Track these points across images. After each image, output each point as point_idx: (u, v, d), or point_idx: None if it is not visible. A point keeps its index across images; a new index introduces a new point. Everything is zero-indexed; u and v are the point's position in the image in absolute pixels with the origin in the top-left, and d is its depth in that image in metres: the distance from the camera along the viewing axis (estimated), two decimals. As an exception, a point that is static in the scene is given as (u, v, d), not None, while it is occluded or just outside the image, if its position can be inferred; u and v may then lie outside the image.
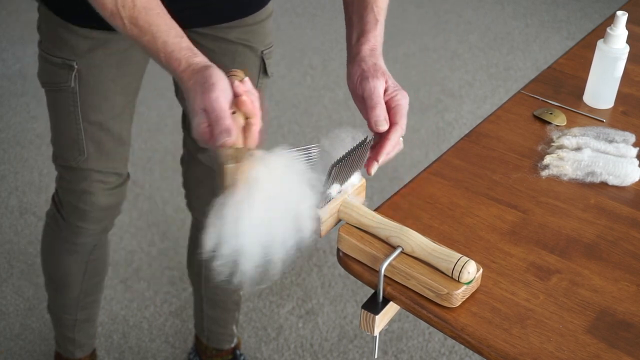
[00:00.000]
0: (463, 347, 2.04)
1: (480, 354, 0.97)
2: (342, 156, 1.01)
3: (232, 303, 1.91)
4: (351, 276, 1.08)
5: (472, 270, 0.98)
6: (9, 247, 2.37)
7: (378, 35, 1.19)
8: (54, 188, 1.64)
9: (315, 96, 3.14)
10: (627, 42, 1.36)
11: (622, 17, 1.33)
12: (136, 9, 1.08)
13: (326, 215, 1.05)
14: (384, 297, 1.03)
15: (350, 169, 1.05)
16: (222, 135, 0.98)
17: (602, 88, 1.40)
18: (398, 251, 1.02)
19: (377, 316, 1.01)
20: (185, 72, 1.05)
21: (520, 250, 1.09)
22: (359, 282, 1.11)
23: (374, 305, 1.02)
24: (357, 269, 1.06)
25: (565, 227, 1.14)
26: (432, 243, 1.01)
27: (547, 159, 1.25)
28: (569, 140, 1.28)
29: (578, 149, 1.26)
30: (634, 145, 1.29)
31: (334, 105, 3.08)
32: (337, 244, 1.08)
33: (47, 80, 1.45)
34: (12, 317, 2.16)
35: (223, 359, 2.00)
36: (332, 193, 1.05)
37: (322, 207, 1.04)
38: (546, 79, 1.49)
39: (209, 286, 1.86)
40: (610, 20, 1.40)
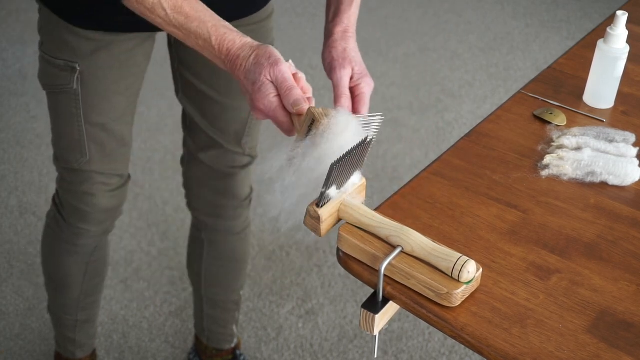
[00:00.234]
0: (463, 347, 2.04)
1: (480, 353, 0.96)
2: (342, 155, 1.01)
3: (232, 303, 1.91)
4: (351, 276, 1.08)
5: (472, 270, 0.98)
6: (9, 247, 2.37)
7: (352, 15, 1.29)
8: (54, 188, 1.63)
9: (315, 96, 3.13)
10: (627, 42, 1.36)
11: (622, 17, 1.33)
12: None
13: (326, 215, 1.05)
14: (383, 297, 1.03)
15: (350, 168, 1.05)
16: (299, 101, 1.08)
17: (602, 88, 1.40)
18: (398, 251, 1.02)
19: (376, 316, 1.01)
20: (243, 49, 1.11)
21: (520, 250, 1.09)
22: (359, 282, 1.11)
23: (373, 305, 1.02)
24: (357, 268, 1.06)
25: (565, 227, 1.14)
26: (432, 243, 1.01)
27: (547, 159, 1.25)
28: (569, 140, 1.28)
29: (578, 148, 1.26)
30: (634, 145, 1.29)
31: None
32: (337, 243, 1.08)
33: (49, 82, 1.45)
34: (12, 317, 2.16)
35: (223, 359, 2.00)
36: (332, 194, 1.05)
37: (321, 207, 1.04)
38: (546, 79, 1.49)
39: (209, 286, 1.86)
40: (610, 20, 1.40)
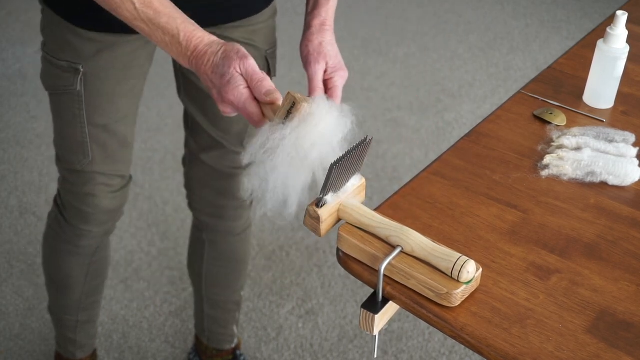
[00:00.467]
0: (463, 347, 2.04)
1: (480, 353, 0.96)
2: (341, 156, 1.01)
3: (233, 303, 1.91)
4: (351, 276, 1.08)
5: (471, 270, 0.98)
6: (9, 247, 2.37)
7: (330, 9, 1.37)
8: (54, 188, 1.64)
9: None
10: (627, 42, 1.36)
11: (622, 17, 1.33)
12: None
13: (326, 215, 1.05)
14: (383, 297, 1.03)
15: (350, 168, 1.05)
16: (272, 91, 1.10)
17: (602, 88, 1.40)
18: (398, 251, 1.02)
19: (376, 316, 1.01)
20: (211, 46, 1.13)
21: (520, 250, 1.09)
22: (359, 282, 1.11)
23: (373, 305, 1.02)
24: (357, 268, 1.06)
25: (565, 227, 1.14)
26: (432, 243, 1.01)
27: (547, 159, 1.25)
28: (569, 140, 1.28)
29: (578, 148, 1.26)
30: (634, 145, 1.29)
31: (334, 105, 3.08)
32: (337, 243, 1.08)
33: (52, 83, 1.44)
34: (12, 317, 2.16)
35: (223, 359, 2.00)
36: (329, 198, 1.05)
37: (321, 207, 1.04)
38: (546, 79, 1.49)
39: (210, 287, 1.86)
40: (610, 20, 1.40)
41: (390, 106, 3.06)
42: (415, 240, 1.01)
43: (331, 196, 1.05)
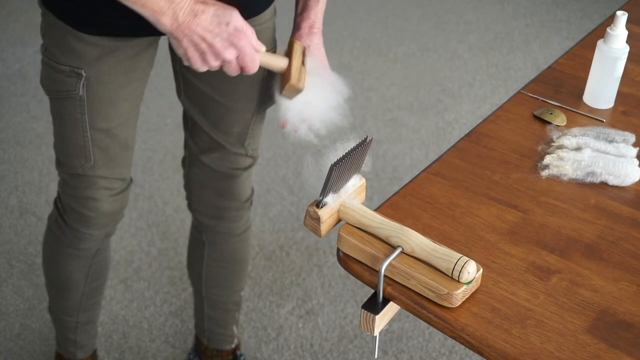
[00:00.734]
0: (463, 347, 2.04)
1: (481, 354, 0.97)
2: (342, 156, 1.01)
3: (233, 304, 1.91)
4: (351, 276, 1.08)
5: (472, 270, 0.98)
6: (9, 247, 2.37)
7: (319, 11, 1.41)
8: (54, 188, 1.63)
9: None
10: (627, 42, 1.36)
11: (622, 17, 1.33)
12: None
13: (326, 216, 1.05)
14: (384, 297, 1.03)
15: (350, 168, 1.05)
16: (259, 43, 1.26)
17: (602, 88, 1.40)
18: (398, 251, 1.02)
19: (377, 316, 1.01)
20: (205, 2, 1.21)
21: (520, 250, 1.09)
22: (359, 282, 1.11)
23: (373, 305, 1.02)
24: (357, 269, 1.06)
25: (565, 227, 1.14)
26: (432, 243, 1.01)
27: (547, 159, 1.25)
28: (569, 140, 1.28)
29: (578, 149, 1.26)
30: (634, 145, 1.29)
31: (334, 105, 3.08)
32: (337, 244, 1.08)
33: (54, 88, 1.43)
34: (12, 317, 2.16)
35: (223, 359, 2.00)
36: (329, 199, 1.05)
37: (321, 207, 1.04)
38: (546, 79, 1.49)
39: (210, 287, 1.86)
40: (610, 20, 1.40)
41: (390, 106, 3.06)
42: (416, 241, 1.01)
43: (331, 197, 1.06)
